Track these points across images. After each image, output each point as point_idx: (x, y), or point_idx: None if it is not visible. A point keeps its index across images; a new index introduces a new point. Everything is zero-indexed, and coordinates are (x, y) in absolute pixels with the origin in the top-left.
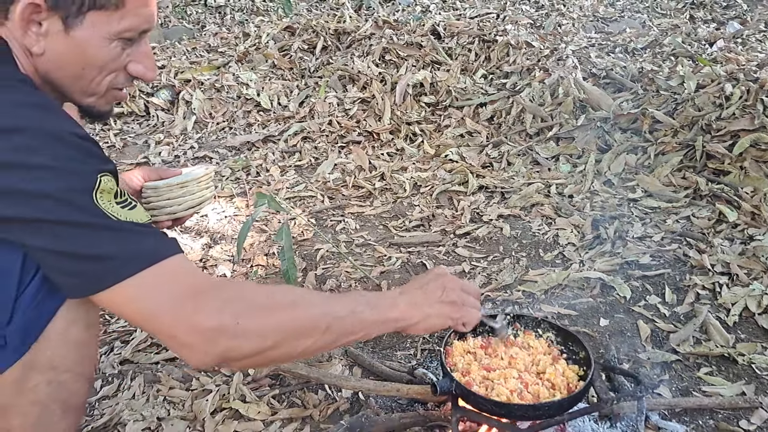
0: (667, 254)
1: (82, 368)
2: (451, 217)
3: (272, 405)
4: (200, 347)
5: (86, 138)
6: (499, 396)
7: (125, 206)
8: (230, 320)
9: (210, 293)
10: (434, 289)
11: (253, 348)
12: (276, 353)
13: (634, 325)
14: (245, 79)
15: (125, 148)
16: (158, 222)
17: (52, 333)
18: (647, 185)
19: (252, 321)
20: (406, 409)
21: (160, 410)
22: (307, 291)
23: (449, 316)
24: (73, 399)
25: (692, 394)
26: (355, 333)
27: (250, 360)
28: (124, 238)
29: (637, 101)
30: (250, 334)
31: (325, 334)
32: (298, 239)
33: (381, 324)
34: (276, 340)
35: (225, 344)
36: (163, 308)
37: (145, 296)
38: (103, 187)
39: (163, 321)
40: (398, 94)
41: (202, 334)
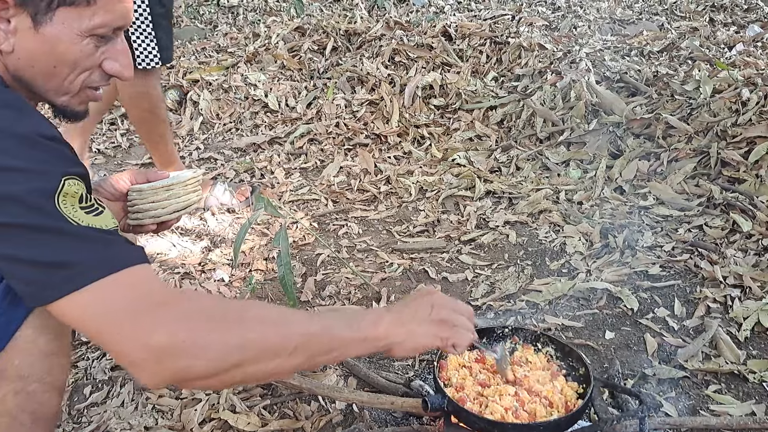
0: (677, 265)
1: (52, 378)
2: (456, 223)
3: (263, 416)
4: (151, 366)
5: (53, 139)
6: (493, 414)
7: (90, 211)
8: (186, 338)
9: (167, 308)
10: (422, 306)
11: (211, 368)
12: (238, 374)
13: (640, 339)
14: (254, 79)
15: (131, 148)
16: (143, 226)
17: (20, 342)
18: (659, 193)
19: (211, 339)
20: (400, 423)
21: (148, 419)
22: (280, 308)
23: (438, 335)
24: (42, 410)
25: (699, 413)
26: (330, 352)
27: (208, 381)
28: (81, 245)
29: (651, 106)
30: (207, 354)
31: (294, 355)
32: (299, 244)
33: (361, 343)
34: (237, 360)
35: (179, 364)
36: (115, 322)
37: (97, 308)
38: (67, 190)
39: (113, 336)
40: (407, 96)
41: (153, 352)
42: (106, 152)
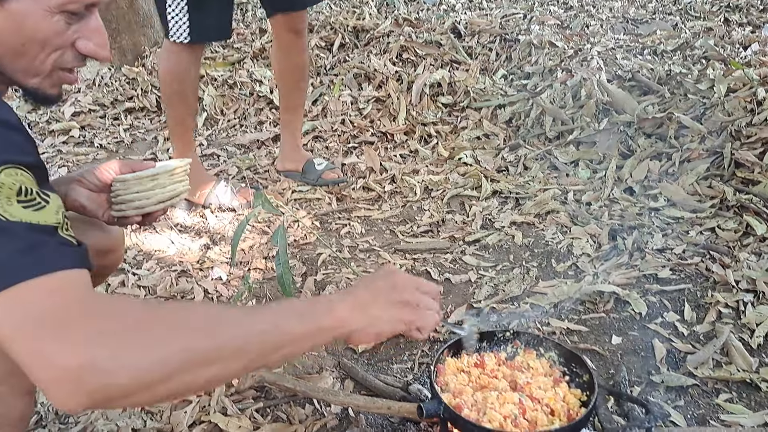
0: (688, 268)
1: (19, 380)
2: (461, 223)
3: (255, 419)
4: (63, 387)
5: (3, 123)
6: (492, 422)
7: (29, 206)
8: (101, 352)
9: (84, 319)
10: (383, 288)
11: (134, 384)
12: (168, 387)
13: (648, 344)
14: (259, 75)
15: (134, 143)
16: (127, 218)
17: None
18: (670, 194)
19: (131, 351)
20: (397, 428)
21: (137, 420)
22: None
23: (401, 319)
24: (11, 413)
25: (709, 423)
26: (280, 349)
27: (133, 398)
28: (7, 244)
29: (664, 105)
30: (126, 368)
31: (233, 359)
32: (300, 242)
33: (314, 334)
34: (168, 372)
35: (96, 382)
36: (26, 334)
37: (9, 316)
38: (3, 180)
39: (21, 350)
40: (414, 94)
41: (65, 372)
42: (109, 147)
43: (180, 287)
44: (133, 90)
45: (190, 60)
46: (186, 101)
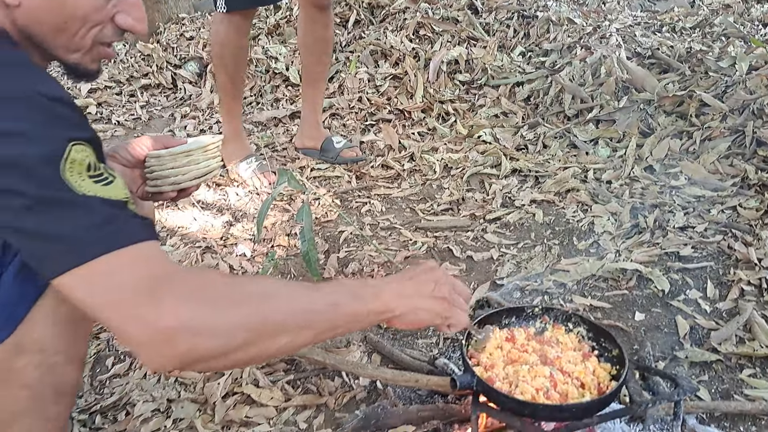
0: (710, 246)
1: (73, 351)
2: (481, 201)
3: (286, 391)
4: (157, 348)
5: (60, 100)
6: (524, 394)
7: (99, 181)
8: (192, 316)
9: (172, 286)
10: (425, 281)
11: (219, 348)
12: (246, 353)
13: (671, 321)
14: (274, 52)
15: (151, 120)
16: (162, 193)
17: (39, 314)
18: (691, 172)
19: (218, 318)
20: (425, 400)
21: (171, 392)
22: (285, 283)
23: (439, 313)
24: (63, 383)
25: (733, 397)
26: (336, 328)
27: (216, 361)
28: (86, 218)
29: (684, 83)
30: (214, 333)
31: (302, 332)
32: (321, 220)
33: (364, 317)
34: (246, 339)
35: (185, 344)
36: (117, 301)
37: (99, 286)
38: (74, 157)
39: (116, 315)
40: (432, 71)
41: (158, 334)
42: (126, 124)
43: (206, 263)
44: (148, 66)
45: (229, 29)
46: (226, 70)
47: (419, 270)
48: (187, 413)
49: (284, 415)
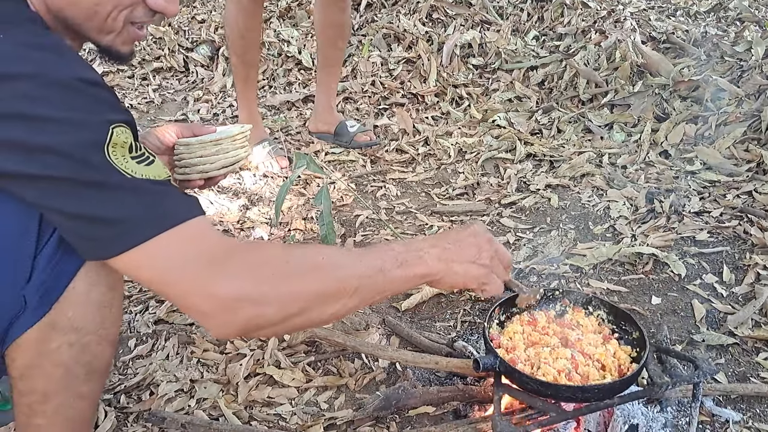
0: (726, 231)
1: (106, 330)
2: (496, 186)
3: (307, 372)
4: (221, 317)
5: (97, 84)
6: (546, 375)
7: (141, 161)
8: (252, 287)
9: (230, 259)
10: (469, 246)
11: (278, 315)
12: (303, 319)
13: (688, 305)
14: (287, 35)
15: (163, 104)
16: (190, 181)
17: (73, 294)
18: (707, 157)
19: (276, 287)
20: (444, 382)
21: (194, 372)
22: (334, 250)
23: (476, 278)
24: (96, 362)
25: (750, 380)
26: (383, 292)
27: (275, 328)
28: (138, 199)
29: (699, 67)
30: (273, 301)
31: (353, 297)
32: (337, 204)
33: (408, 281)
34: (302, 306)
35: (247, 313)
36: (181, 276)
37: (162, 263)
38: (116, 140)
39: (180, 289)
40: (445, 55)
41: (222, 303)
42: (139, 108)
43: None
44: (160, 50)
45: (240, 12)
46: (236, 53)
47: (465, 233)
48: (210, 393)
49: (306, 396)
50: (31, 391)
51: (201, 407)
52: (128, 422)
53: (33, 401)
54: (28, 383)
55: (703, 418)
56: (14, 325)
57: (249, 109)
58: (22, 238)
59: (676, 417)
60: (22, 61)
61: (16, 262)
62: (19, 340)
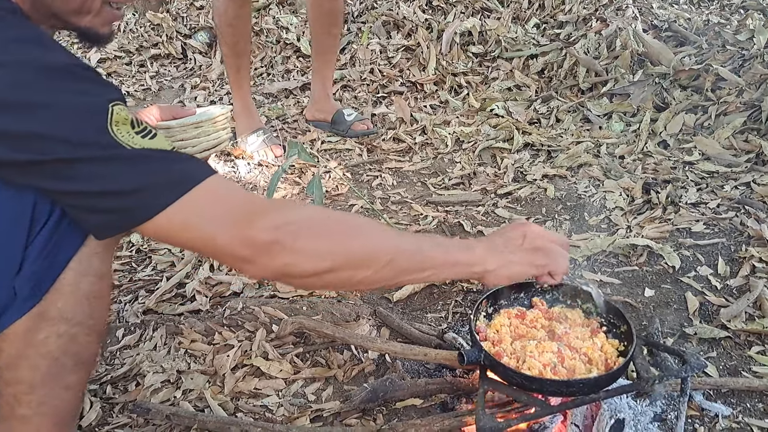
0: (722, 223)
1: (94, 321)
2: (493, 176)
3: (295, 363)
4: (259, 260)
5: (87, 68)
6: (531, 369)
7: (145, 135)
8: (287, 237)
9: (265, 211)
10: (514, 236)
11: (311, 268)
12: (334, 277)
13: (681, 297)
14: (285, 22)
15: (161, 91)
16: None
17: (64, 284)
18: (705, 148)
19: (309, 240)
20: (433, 374)
21: (181, 363)
22: (373, 221)
23: (533, 262)
24: (84, 352)
25: (741, 374)
26: (422, 271)
27: (308, 280)
28: (155, 166)
29: (701, 56)
30: (307, 253)
31: (387, 267)
32: (332, 193)
33: (452, 266)
34: (334, 264)
35: (283, 259)
36: (217, 229)
37: (195, 219)
38: (117, 117)
39: (218, 242)
40: (445, 43)
41: (260, 248)
42: (136, 95)
43: None
44: (158, 36)
45: None
46: (226, 41)
47: (506, 228)
48: (196, 384)
49: (293, 387)
50: (17, 382)
51: (187, 398)
52: (113, 413)
53: (18, 391)
54: (14, 373)
55: (693, 412)
56: (3, 316)
57: (243, 99)
58: (13, 229)
59: (665, 411)
60: (13, 53)
61: (7, 253)
62: (7, 331)
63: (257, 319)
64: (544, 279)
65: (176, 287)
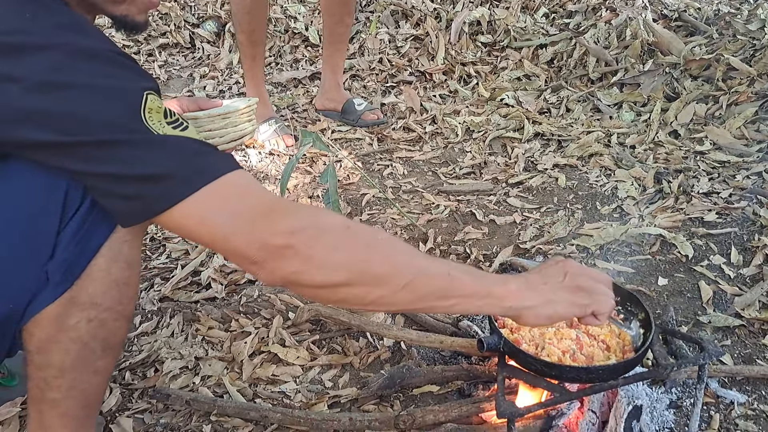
0: (734, 212)
1: (122, 307)
2: (503, 165)
3: (312, 350)
4: (270, 264)
5: (126, 56)
6: (550, 356)
7: (177, 126)
8: (302, 244)
9: (283, 214)
10: (554, 274)
11: (322, 279)
12: (346, 292)
13: (695, 286)
14: (293, 11)
15: (170, 80)
16: None
17: (94, 270)
18: (717, 137)
19: (324, 250)
20: (449, 361)
21: (198, 350)
22: (397, 238)
23: (575, 302)
24: (112, 338)
25: (756, 362)
26: (446, 299)
27: (319, 291)
28: (180, 155)
29: (711, 46)
30: (320, 263)
31: (406, 288)
32: (343, 183)
33: (482, 298)
34: (347, 278)
35: (294, 267)
36: (232, 226)
37: (211, 214)
38: (150, 105)
39: (231, 239)
40: (453, 32)
41: (272, 252)
42: None
43: None
44: (166, 25)
45: None
46: (242, 29)
47: (546, 265)
48: (214, 371)
49: (310, 374)
50: (48, 365)
51: (205, 384)
52: (133, 399)
53: (49, 375)
54: (45, 357)
55: (708, 399)
56: (35, 301)
57: (256, 87)
58: (47, 215)
59: (681, 398)
60: (55, 37)
61: (40, 239)
62: (38, 316)
63: (273, 307)
64: (588, 321)
65: (191, 275)
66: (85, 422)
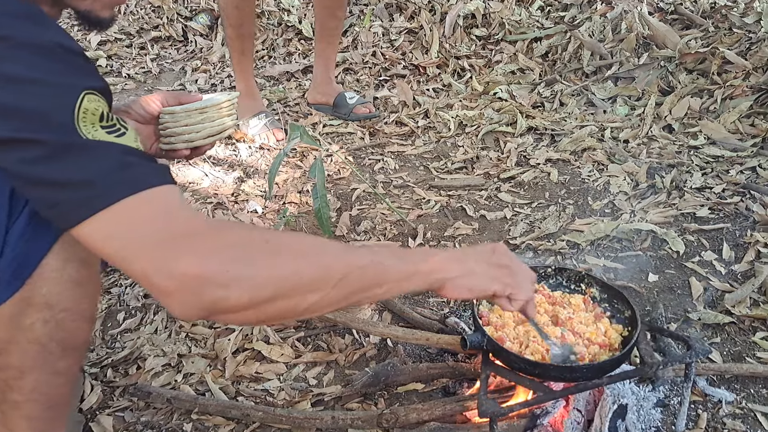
0: (727, 207)
1: (81, 307)
2: (496, 160)
3: (296, 348)
4: (181, 296)
5: (73, 51)
6: (534, 354)
7: (112, 132)
8: (219, 267)
9: (196, 235)
10: (482, 251)
11: (246, 300)
12: (275, 308)
13: (685, 283)
14: (287, 4)
15: (162, 74)
16: (175, 150)
17: (47, 270)
18: (711, 132)
19: (246, 269)
20: (435, 359)
21: (182, 347)
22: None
23: (497, 277)
24: (71, 339)
25: (745, 360)
26: (377, 287)
27: (243, 314)
28: (102, 163)
29: (707, 39)
30: (242, 284)
31: (337, 287)
32: (333, 177)
33: (411, 277)
34: (275, 292)
35: (212, 294)
36: (139, 248)
37: (119, 232)
38: (86, 106)
39: (138, 263)
40: (448, 26)
41: (183, 282)
42: (137, 77)
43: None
44: (158, 18)
45: None
46: (230, 22)
47: (475, 245)
48: (197, 368)
49: (294, 372)
50: (8, 367)
51: (188, 382)
52: (114, 396)
53: (9, 377)
54: (4, 358)
55: (696, 398)
56: None
57: (246, 82)
58: None
59: (668, 396)
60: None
61: None
62: None
63: None
64: (502, 302)
65: None
66: (53, 423)
